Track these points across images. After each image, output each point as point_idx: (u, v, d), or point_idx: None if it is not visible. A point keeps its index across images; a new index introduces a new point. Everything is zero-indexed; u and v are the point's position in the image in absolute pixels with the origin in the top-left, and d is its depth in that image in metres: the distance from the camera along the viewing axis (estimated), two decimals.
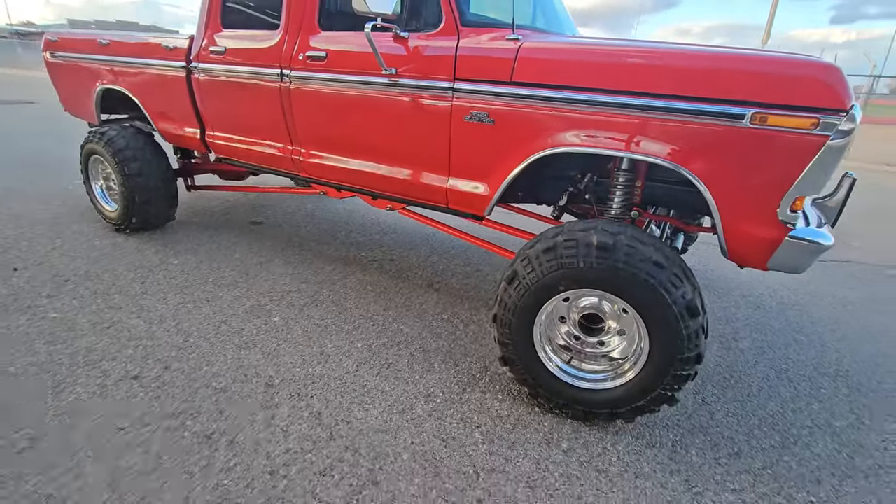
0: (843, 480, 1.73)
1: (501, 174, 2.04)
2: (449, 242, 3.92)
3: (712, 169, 1.62)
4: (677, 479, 1.69)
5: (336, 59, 2.33)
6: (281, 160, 2.80)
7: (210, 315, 2.58)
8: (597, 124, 1.77)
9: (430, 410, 1.95)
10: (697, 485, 1.67)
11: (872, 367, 2.47)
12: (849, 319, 3.00)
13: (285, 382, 2.07)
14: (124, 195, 3.37)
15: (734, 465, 1.77)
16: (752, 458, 1.80)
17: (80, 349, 2.21)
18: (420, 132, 2.19)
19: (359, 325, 2.58)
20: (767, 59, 1.53)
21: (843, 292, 3.41)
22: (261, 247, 3.58)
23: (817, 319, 2.97)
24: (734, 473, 1.73)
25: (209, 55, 2.82)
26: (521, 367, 1.92)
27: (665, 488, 1.65)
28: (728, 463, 1.78)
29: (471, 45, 1.99)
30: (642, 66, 1.67)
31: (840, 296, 3.35)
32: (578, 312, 1.90)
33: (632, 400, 1.78)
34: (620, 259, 1.64)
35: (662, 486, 1.66)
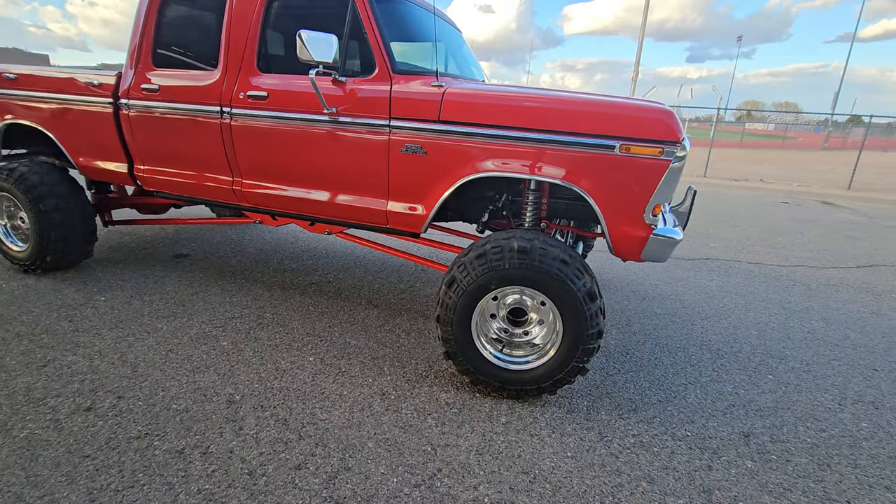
0: (708, 419, 2.28)
1: (435, 196, 2.40)
2: (381, 263, 4.20)
3: (596, 186, 2.13)
4: (593, 433, 2.12)
5: (277, 98, 2.58)
6: (220, 191, 2.93)
7: (154, 345, 2.60)
8: (508, 154, 2.21)
9: (386, 406, 2.21)
10: (607, 435, 2.11)
11: (726, 337, 3.17)
12: (709, 302, 3.75)
13: (246, 397, 2.21)
14: (38, 233, 3.22)
15: (633, 417, 2.24)
16: (646, 411, 2.30)
17: (18, 389, 2.15)
18: (361, 162, 2.49)
19: (307, 342, 2.75)
20: (628, 105, 2.08)
21: (706, 282, 4.23)
22: (192, 278, 3.58)
23: (688, 304, 3.69)
24: (633, 423, 2.20)
25: (141, 92, 2.89)
26: (462, 359, 2.26)
27: (584, 441, 2.06)
28: (629, 417, 2.25)
29: (403, 90, 2.36)
30: (541, 108, 2.15)
31: (703, 285, 4.15)
32: (506, 308, 2.29)
33: (553, 374, 2.19)
34: (536, 259, 2.06)
35: (581, 439, 2.07)
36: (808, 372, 2.77)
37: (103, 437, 1.89)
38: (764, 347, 3.05)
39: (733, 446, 2.08)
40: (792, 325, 3.41)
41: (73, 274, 3.51)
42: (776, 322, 3.46)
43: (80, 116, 3.12)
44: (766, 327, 3.36)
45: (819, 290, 4.19)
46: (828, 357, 2.96)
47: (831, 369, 2.82)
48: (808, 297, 4.02)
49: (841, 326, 3.43)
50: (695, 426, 2.21)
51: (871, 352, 3.07)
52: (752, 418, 2.29)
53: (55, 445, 1.83)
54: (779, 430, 2.22)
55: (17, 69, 3.28)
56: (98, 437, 1.89)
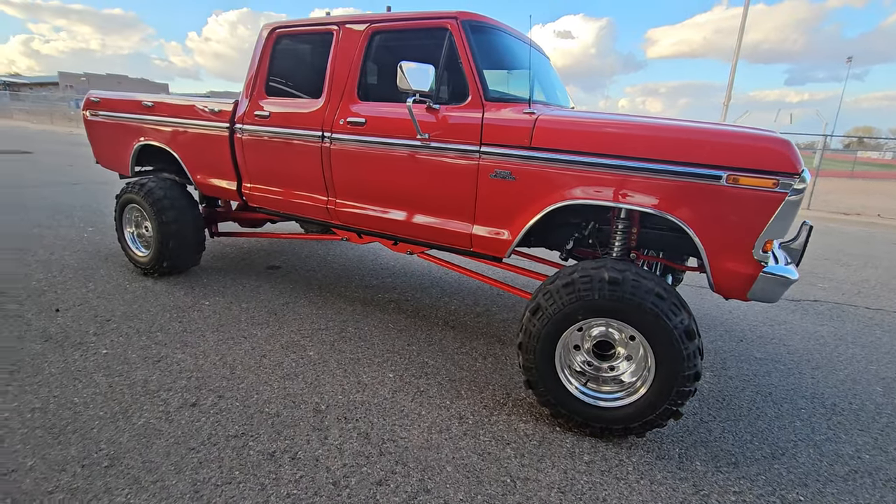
0: (825, 484, 2.01)
1: (521, 222, 2.40)
2: (458, 284, 4.23)
3: (698, 218, 2.00)
4: (687, 485, 1.95)
5: (374, 124, 2.73)
6: (315, 209, 3.13)
7: (249, 350, 2.80)
8: (602, 182, 2.15)
9: (464, 430, 2.19)
10: (704, 488, 1.93)
11: (843, 391, 2.81)
12: (820, 350, 3.36)
13: (331, 408, 2.29)
14: (159, 241, 3.62)
15: (733, 472, 2.04)
16: (748, 467, 2.08)
17: (138, 381, 2.40)
18: (449, 186, 2.55)
19: (387, 358, 2.82)
20: (738, 134, 1.96)
21: (814, 328, 3.80)
22: (283, 289, 3.82)
23: (793, 350, 3.33)
24: (734, 479, 2.00)
25: (254, 118, 3.20)
26: (543, 390, 2.19)
27: (676, 492, 1.90)
28: (728, 471, 2.04)
29: (494, 116, 2.40)
30: (641, 136, 2.08)
31: (812, 330, 3.73)
32: (591, 341, 2.20)
33: (643, 415, 2.05)
34: (628, 291, 1.97)
35: (674, 489, 1.91)
36: None
37: (206, 432, 2.05)
38: (893, 406, 2.66)
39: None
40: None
41: (183, 279, 3.89)
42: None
43: (201, 139, 3.51)
44: (893, 384, 2.93)
45: None
46: None
47: None
48: None
49: None
50: (809, 490, 1.96)
51: None
52: (881, 490, 1.99)
53: (166, 435, 2.01)
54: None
55: (154, 98, 3.77)
56: (201, 431, 2.05)
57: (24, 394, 2.23)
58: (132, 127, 3.89)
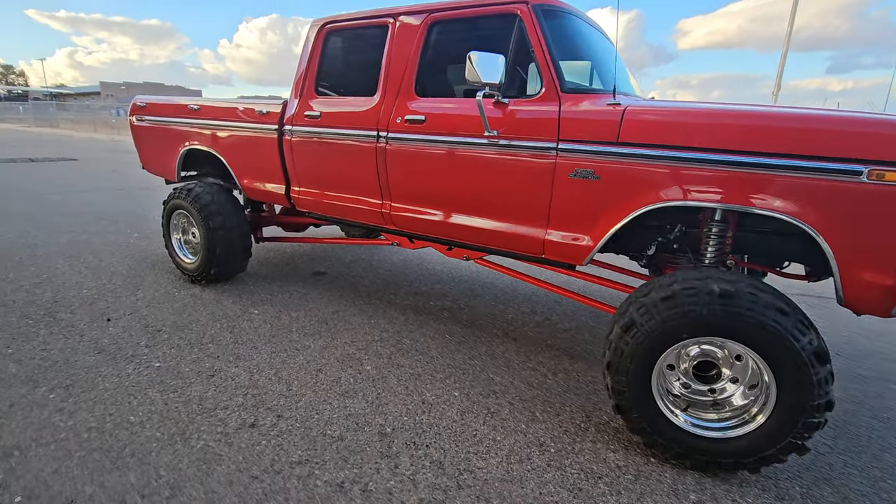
0: None
1: (605, 226, 2.15)
2: (511, 290, 4.00)
3: (830, 222, 1.71)
4: None
5: (435, 122, 2.53)
6: (368, 213, 2.96)
7: (304, 364, 2.64)
8: (708, 181, 1.89)
9: (547, 460, 1.96)
10: None
11: None
12: None
13: (398, 431, 2.10)
14: (206, 247, 3.52)
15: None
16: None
17: (193, 397, 2.27)
18: (520, 187, 2.33)
19: (449, 374, 2.62)
20: (880, 121, 1.66)
21: None
22: (331, 297, 3.68)
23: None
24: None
25: (304, 119, 3.05)
26: (637, 416, 1.94)
27: None
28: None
29: (574, 110, 2.17)
30: (758, 127, 1.80)
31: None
32: (689, 360, 1.94)
33: (759, 450, 1.78)
34: (744, 306, 1.70)
35: None
36: None
37: (268, 458, 1.89)
38: None
39: None
40: None
41: (230, 286, 3.79)
42: None
43: (248, 142, 3.39)
44: None
45: None
46: None
47: None
48: None
49: None
50: None
51: None
52: None
53: (226, 461, 1.85)
54: None
55: (200, 101, 3.68)
56: (263, 457, 1.89)
57: (79, 411, 2.13)
58: (178, 131, 3.82)
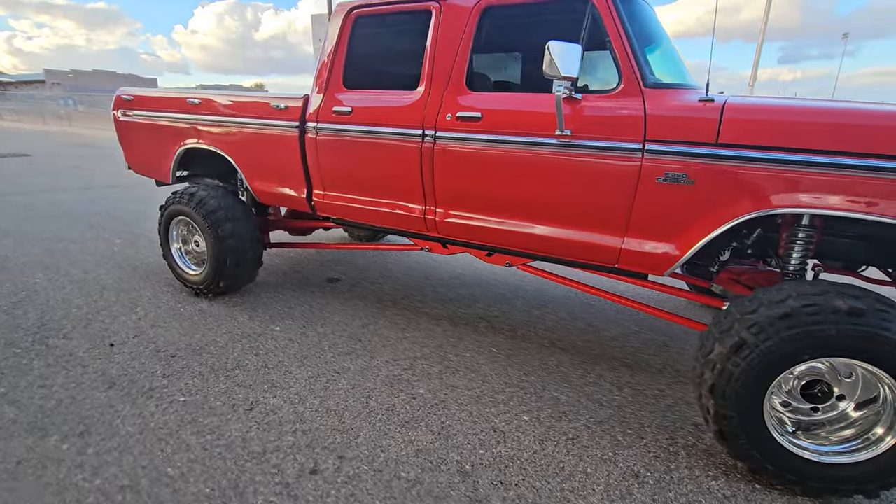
0: None
1: (697, 235, 1.97)
2: (539, 294, 3.81)
3: None
4: None
5: (495, 119, 2.28)
6: (409, 219, 2.69)
7: (349, 389, 2.38)
8: (826, 186, 1.73)
9: (651, 496, 1.79)
10: None
11: None
12: None
13: (478, 468, 1.88)
14: (215, 258, 3.17)
15: None
16: None
17: (235, 439, 1.98)
18: (596, 192, 2.12)
19: (510, 394, 2.41)
20: None
21: None
22: (354, 307, 3.40)
23: None
24: None
25: (331, 115, 2.74)
26: (745, 443, 1.79)
27: None
28: None
29: (661, 106, 1.97)
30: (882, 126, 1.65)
31: None
32: (795, 379, 1.80)
33: (885, 475, 1.66)
34: (876, 325, 1.56)
35: None
36: None
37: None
38: None
39: None
40: None
41: (240, 298, 3.45)
42: None
43: (263, 140, 3.05)
44: None
45: None
46: None
47: None
48: None
49: None
50: None
51: None
52: None
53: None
54: None
55: (202, 94, 3.30)
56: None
57: (104, 465, 1.81)
58: (175, 128, 3.42)
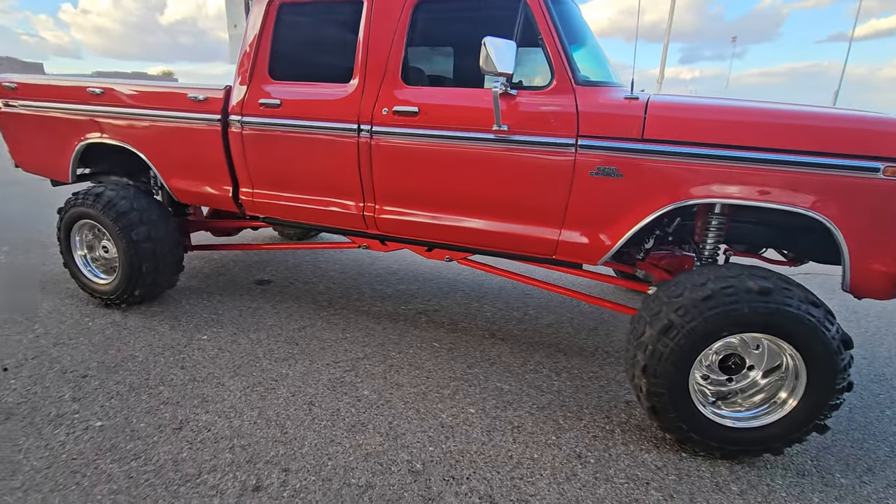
0: None
1: (626, 224, 2.09)
2: (477, 286, 3.87)
3: (846, 215, 1.82)
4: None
5: (433, 114, 2.26)
6: (347, 217, 2.61)
7: (289, 397, 2.27)
8: (738, 178, 1.90)
9: (594, 474, 1.88)
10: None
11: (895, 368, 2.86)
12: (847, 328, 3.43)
13: (429, 466, 1.88)
14: (129, 264, 2.88)
15: (875, 480, 1.93)
16: (883, 471, 1.98)
17: (165, 463, 1.82)
18: (533, 186, 2.18)
19: (455, 388, 2.43)
20: (891, 121, 1.78)
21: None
22: (289, 310, 3.25)
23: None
24: (883, 489, 1.88)
25: (258, 108, 2.57)
26: (674, 416, 1.94)
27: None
28: (870, 479, 1.93)
29: (593, 103, 2.06)
30: (786, 125, 1.84)
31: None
32: (714, 354, 1.98)
33: (789, 433, 1.87)
34: (781, 301, 1.75)
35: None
36: None
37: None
38: None
39: None
40: None
41: (159, 307, 3.17)
42: None
43: (180, 135, 2.80)
44: None
45: None
46: None
47: None
48: None
49: None
50: None
51: None
52: None
53: None
54: None
55: (105, 83, 2.96)
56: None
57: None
58: (72, 121, 3.04)
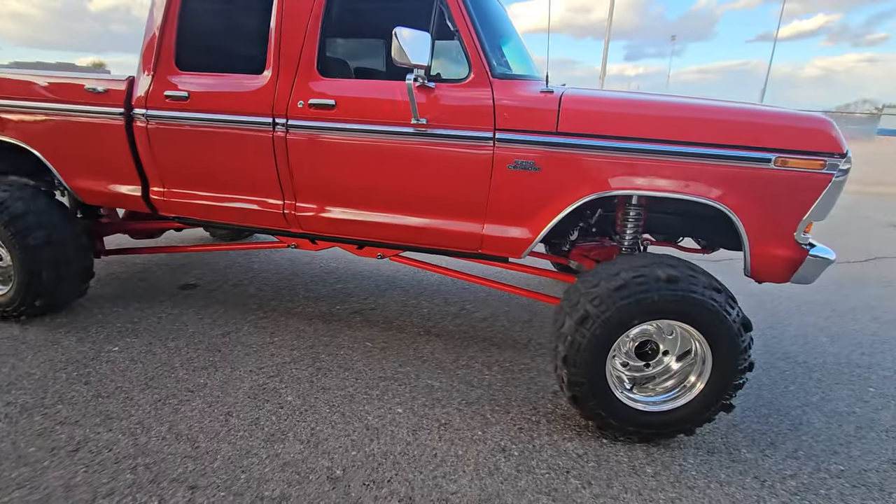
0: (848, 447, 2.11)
1: (545, 217, 2.11)
2: (417, 282, 3.83)
3: (743, 203, 1.91)
4: (749, 478, 1.90)
5: (349, 107, 2.18)
6: (266, 216, 2.49)
7: (205, 409, 2.15)
8: (645, 170, 1.95)
9: (516, 467, 1.90)
10: (766, 479, 1.90)
11: (802, 346, 3.07)
12: (763, 307, 3.67)
13: (349, 471, 1.82)
14: (26, 272, 2.63)
15: (777, 453, 2.05)
16: (784, 444, 2.11)
17: (55, 490, 1.66)
18: (454, 180, 2.15)
19: (385, 388, 2.38)
20: (784, 115, 1.88)
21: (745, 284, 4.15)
22: (214, 315, 3.08)
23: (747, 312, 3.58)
24: (782, 461, 2.01)
25: (164, 100, 2.39)
26: (593, 404, 1.98)
27: (746, 489, 1.84)
28: (772, 453, 2.05)
29: (509, 97, 2.05)
30: (688, 118, 1.90)
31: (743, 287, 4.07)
32: (632, 342, 2.04)
33: (699, 414, 1.96)
34: (688, 289, 1.82)
35: (743, 487, 1.85)
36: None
37: None
38: (844, 356, 2.97)
39: (894, 479, 1.93)
40: (853, 328, 3.38)
41: (65, 318, 2.92)
42: (835, 325, 3.41)
43: (78, 130, 2.57)
44: (830, 332, 3.30)
45: (849, 287, 4.23)
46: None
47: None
48: (845, 295, 4.04)
49: (894, 326, 3.44)
50: (841, 458, 2.05)
51: None
52: (889, 441, 2.17)
53: None
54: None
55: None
56: None
57: None
58: None
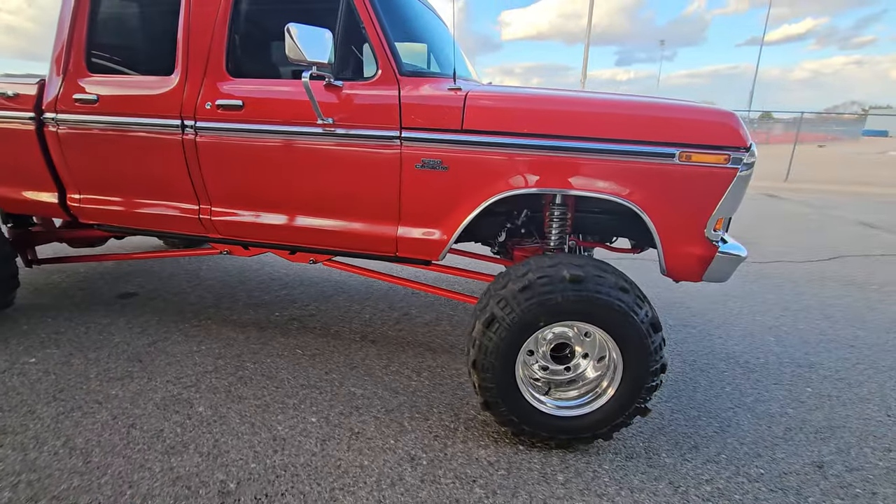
0: (773, 449, 2.06)
1: (457, 218, 2.05)
2: (365, 288, 3.77)
3: (651, 200, 1.86)
4: (663, 484, 1.84)
5: (256, 108, 2.12)
6: (182, 221, 2.42)
7: (109, 421, 2.06)
8: (551, 167, 1.90)
9: (421, 476, 1.82)
10: (680, 484, 1.84)
11: (747, 347, 3.03)
12: (715, 308, 3.63)
13: (244, 484, 1.75)
14: None
15: (697, 457, 1.99)
16: (707, 448, 2.05)
17: None
18: (364, 182, 2.10)
19: (304, 396, 2.31)
20: (687, 108, 1.84)
21: (701, 285, 4.13)
22: (146, 324, 3.00)
23: (696, 312, 3.55)
24: (701, 465, 1.95)
25: (74, 104, 2.33)
26: (504, 409, 1.92)
27: (657, 495, 1.78)
28: (693, 457, 1.99)
29: (414, 95, 2.00)
30: (591, 114, 1.86)
31: (699, 288, 4.05)
32: (547, 344, 1.98)
33: (612, 419, 1.90)
34: (593, 289, 1.76)
35: (654, 493, 1.79)
36: (842, 380, 2.65)
37: None
38: (788, 356, 2.93)
39: (813, 482, 1.88)
40: (801, 328, 3.34)
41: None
42: (785, 325, 3.38)
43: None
44: (778, 332, 3.26)
45: (806, 286, 4.21)
46: (851, 361, 2.88)
47: (860, 374, 2.72)
48: (800, 294, 4.02)
49: (846, 325, 3.41)
50: (763, 461, 1.99)
51: (886, 350, 3.03)
52: (816, 443, 2.11)
53: None
54: (847, 454, 2.04)
55: None
56: None
57: None
58: None
